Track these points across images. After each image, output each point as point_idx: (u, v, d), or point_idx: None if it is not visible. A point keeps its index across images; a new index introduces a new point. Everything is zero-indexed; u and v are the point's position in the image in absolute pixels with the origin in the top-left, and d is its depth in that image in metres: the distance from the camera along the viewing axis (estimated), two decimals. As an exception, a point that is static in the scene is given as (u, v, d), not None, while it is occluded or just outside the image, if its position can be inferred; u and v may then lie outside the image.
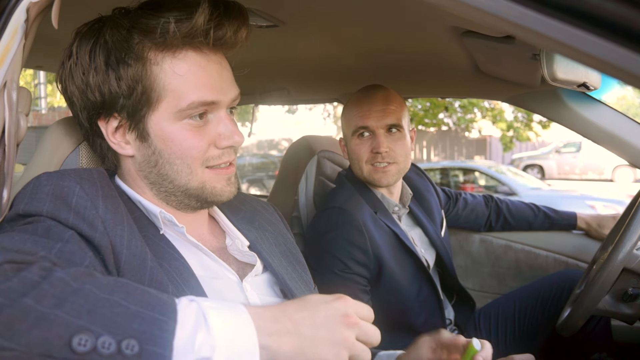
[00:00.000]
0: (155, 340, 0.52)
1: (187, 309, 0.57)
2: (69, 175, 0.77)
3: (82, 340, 0.49)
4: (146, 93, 0.80)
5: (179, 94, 0.80)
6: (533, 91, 1.60)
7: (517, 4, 0.53)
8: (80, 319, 0.51)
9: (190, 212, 0.90)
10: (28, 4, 0.72)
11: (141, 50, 0.79)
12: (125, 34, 0.79)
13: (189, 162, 0.82)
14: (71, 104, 0.86)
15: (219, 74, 0.84)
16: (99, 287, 0.54)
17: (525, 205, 1.95)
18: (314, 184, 1.79)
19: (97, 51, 0.80)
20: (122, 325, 0.52)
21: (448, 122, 13.19)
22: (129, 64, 0.79)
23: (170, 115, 0.80)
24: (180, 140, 0.81)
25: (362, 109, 1.49)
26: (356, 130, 1.49)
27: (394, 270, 1.44)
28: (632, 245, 1.24)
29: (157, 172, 0.84)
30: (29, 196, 0.73)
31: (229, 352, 0.56)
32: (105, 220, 0.74)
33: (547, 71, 1.13)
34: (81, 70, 0.81)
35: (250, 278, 0.90)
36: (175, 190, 0.85)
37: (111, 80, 0.79)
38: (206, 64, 0.82)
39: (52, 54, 1.65)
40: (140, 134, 0.82)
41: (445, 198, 1.88)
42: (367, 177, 1.51)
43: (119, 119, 0.82)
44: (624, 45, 0.50)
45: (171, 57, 0.80)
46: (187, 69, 0.80)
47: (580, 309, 1.31)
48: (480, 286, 2.06)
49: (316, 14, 1.15)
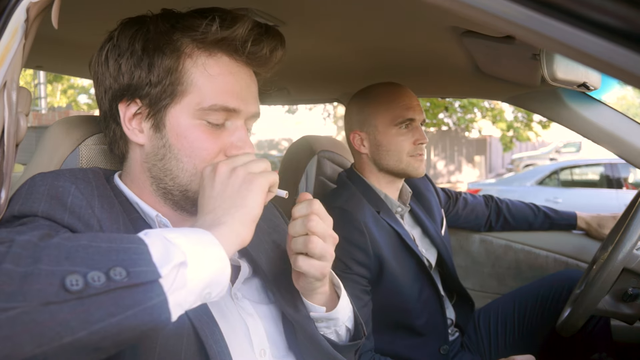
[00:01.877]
0: (137, 261, 0.57)
1: (149, 235, 0.62)
2: (64, 175, 0.77)
3: (72, 280, 0.52)
4: (173, 84, 0.82)
5: (204, 93, 0.82)
6: (533, 91, 1.60)
7: (517, 4, 0.53)
8: (61, 265, 0.53)
9: (186, 215, 0.89)
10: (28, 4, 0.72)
11: (179, 44, 0.82)
12: (169, 27, 0.83)
13: (196, 162, 0.83)
14: (98, 84, 0.88)
15: (247, 85, 0.87)
16: (65, 239, 0.57)
17: (525, 205, 1.96)
18: (314, 184, 1.79)
19: (137, 37, 0.83)
20: (101, 260, 0.55)
21: (448, 122, 13.18)
22: (164, 53, 0.82)
23: (190, 112, 0.82)
24: (193, 138, 0.82)
25: (405, 101, 1.51)
26: (403, 121, 1.50)
27: (396, 271, 1.44)
28: (632, 245, 1.25)
29: (161, 166, 0.84)
30: (24, 197, 0.74)
31: (197, 252, 0.62)
32: (101, 219, 0.74)
33: (547, 71, 1.13)
34: (117, 52, 0.84)
35: (239, 285, 0.89)
36: (174, 189, 0.85)
37: (143, 66, 0.82)
38: (237, 72, 0.85)
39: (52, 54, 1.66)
40: (156, 124, 0.84)
41: (445, 197, 1.88)
42: (405, 168, 1.52)
43: (139, 106, 0.84)
44: (624, 45, 0.50)
45: (206, 57, 0.83)
46: (218, 71, 0.83)
47: (580, 309, 1.31)
48: (480, 286, 2.06)
49: (316, 14, 1.15)
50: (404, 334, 1.49)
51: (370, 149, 1.55)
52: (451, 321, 1.65)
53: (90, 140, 0.96)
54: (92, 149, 0.96)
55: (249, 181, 0.73)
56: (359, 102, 1.58)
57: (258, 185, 0.73)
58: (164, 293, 0.57)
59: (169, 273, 0.58)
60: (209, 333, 0.76)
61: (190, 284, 0.60)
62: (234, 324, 0.85)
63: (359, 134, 1.56)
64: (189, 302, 0.61)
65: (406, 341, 1.49)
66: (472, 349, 1.69)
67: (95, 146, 0.97)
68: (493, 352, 1.68)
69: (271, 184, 0.76)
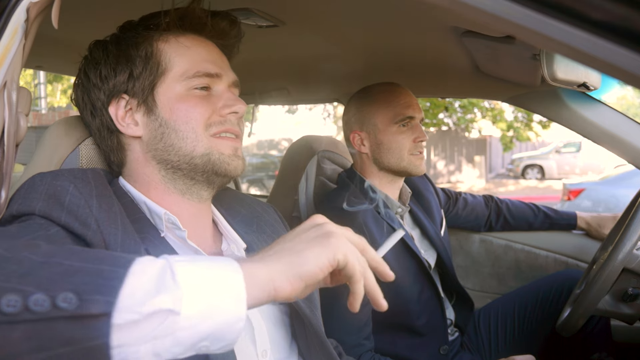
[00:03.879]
0: (99, 288, 0.47)
1: (150, 262, 0.52)
2: (63, 174, 0.77)
3: (10, 301, 0.45)
4: (153, 67, 0.87)
5: (185, 64, 0.87)
6: (533, 91, 1.60)
7: (517, 4, 0.53)
8: (8, 282, 0.47)
9: (195, 200, 0.90)
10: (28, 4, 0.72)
11: (148, 33, 0.89)
12: (135, 26, 0.91)
13: (193, 125, 0.86)
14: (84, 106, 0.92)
15: (219, 55, 0.93)
16: (39, 254, 0.51)
17: (525, 205, 1.95)
18: (314, 184, 1.79)
19: (109, 43, 0.90)
20: (59, 281, 0.47)
21: (448, 122, 13.18)
22: (137, 44, 0.88)
23: (177, 84, 0.87)
24: (186, 107, 0.86)
25: (404, 100, 1.52)
26: (403, 119, 1.50)
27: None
28: (632, 245, 1.24)
29: (163, 146, 0.86)
30: (23, 196, 0.74)
31: (201, 295, 0.50)
32: (99, 219, 0.74)
33: (547, 71, 1.13)
34: (94, 63, 0.89)
35: None
36: (181, 162, 0.86)
37: (122, 62, 0.88)
38: (206, 45, 0.92)
39: (52, 54, 1.66)
40: (148, 108, 0.87)
41: (445, 198, 1.88)
42: (407, 166, 1.52)
43: (127, 100, 0.88)
44: (624, 45, 0.50)
45: (177, 36, 0.90)
46: (190, 44, 0.89)
47: (580, 309, 1.31)
48: (480, 286, 2.06)
49: (316, 14, 1.15)
50: (404, 334, 1.49)
51: (370, 148, 1.55)
52: (451, 321, 1.65)
53: (90, 140, 0.96)
54: (92, 149, 0.96)
55: (327, 236, 0.62)
56: (358, 102, 1.58)
57: (333, 246, 0.60)
58: (109, 334, 0.46)
59: (147, 315, 0.48)
60: None
61: (180, 334, 0.49)
62: None
63: (359, 134, 1.56)
64: (174, 353, 0.50)
65: (406, 341, 1.49)
66: (472, 349, 1.69)
67: (95, 146, 0.97)
68: (493, 352, 1.68)
69: (353, 265, 0.62)
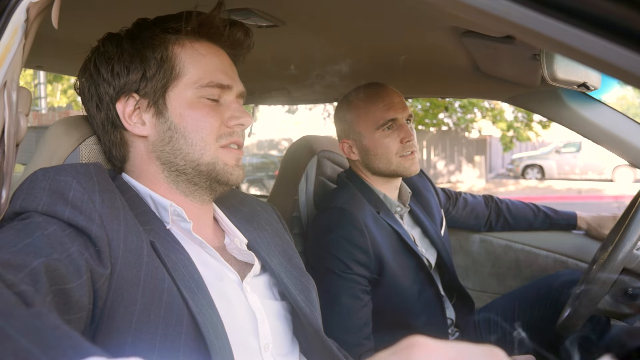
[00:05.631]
0: None
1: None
2: (66, 170, 0.77)
3: None
4: (167, 71, 0.87)
5: (199, 71, 0.88)
6: (533, 91, 1.60)
7: (517, 4, 0.53)
8: None
9: (197, 201, 0.91)
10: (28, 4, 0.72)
11: (166, 36, 0.89)
12: (151, 24, 0.91)
13: (203, 134, 0.87)
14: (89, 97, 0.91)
15: (230, 65, 0.95)
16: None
17: (525, 205, 1.95)
18: (314, 184, 1.79)
19: (124, 40, 0.89)
20: None
21: (448, 122, 13.19)
22: (154, 45, 0.88)
23: (189, 91, 0.87)
24: (197, 115, 0.87)
25: (384, 102, 1.50)
26: (384, 123, 1.49)
27: (396, 271, 1.44)
28: (632, 245, 1.24)
29: (170, 149, 0.87)
30: (25, 192, 0.74)
31: None
32: (102, 214, 0.74)
33: (547, 71, 1.13)
34: (106, 57, 0.88)
35: (249, 279, 0.90)
36: (186, 167, 0.87)
37: (136, 62, 0.87)
38: (220, 54, 0.93)
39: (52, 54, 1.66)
40: (158, 111, 0.87)
41: (445, 198, 1.88)
42: (396, 169, 1.51)
43: (136, 99, 0.88)
44: (624, 45, 0.50)
45: (192, 42, 0.90)
46: (206, 52, 0.90)
47: (580, 309, 1.31)
48: (480, 286, 2.06)
49: (316, 14, 1.15)
50: (404, 333, 1.49)
51: (360, 155, 1.56)
52: (451, 321, 1.65)
53: (90, 139, 0.96)
54: (93, 148, 0.96)
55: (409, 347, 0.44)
56: (340, 112, 1.60)
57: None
58: None
59: None
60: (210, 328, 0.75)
61: None
62: (242, 315, 0.86)
63: (347, 142, 1.57)
64: None
65: (406, 341, 1.49)
66: (472, 349, 1.68)
67: (95, 146, 0.97)
68: (493, 352, 1.68)
69: None
